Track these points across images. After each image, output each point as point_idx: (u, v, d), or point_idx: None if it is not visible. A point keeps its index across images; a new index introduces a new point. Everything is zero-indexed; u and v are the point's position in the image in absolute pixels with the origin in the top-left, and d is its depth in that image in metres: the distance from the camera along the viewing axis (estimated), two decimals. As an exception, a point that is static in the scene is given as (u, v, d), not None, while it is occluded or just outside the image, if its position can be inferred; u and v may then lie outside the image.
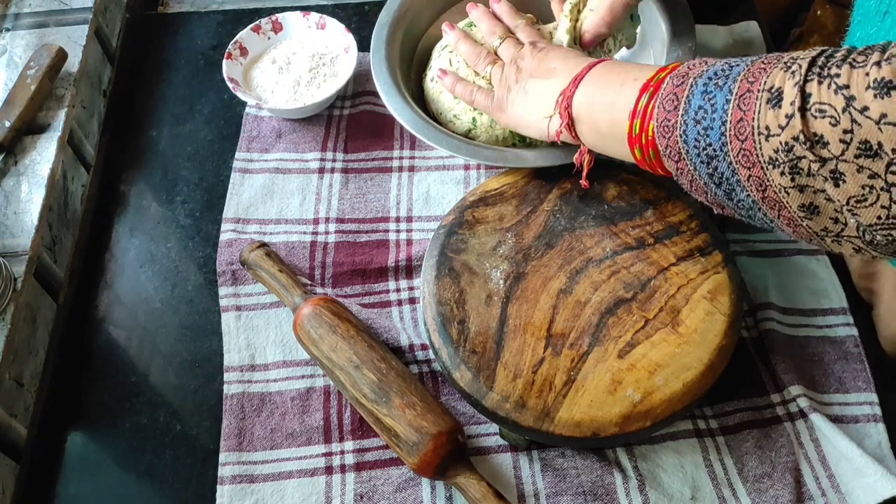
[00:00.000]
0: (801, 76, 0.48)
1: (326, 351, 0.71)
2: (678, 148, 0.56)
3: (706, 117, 0.53)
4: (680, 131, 0.56)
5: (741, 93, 0.51)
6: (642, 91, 0.60)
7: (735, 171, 0.53)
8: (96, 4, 0.96)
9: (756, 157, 0.50)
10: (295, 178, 0.88)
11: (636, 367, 0.67)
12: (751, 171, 0.51)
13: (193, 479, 0.71)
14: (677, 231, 0.74)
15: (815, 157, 0.47)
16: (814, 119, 0.47)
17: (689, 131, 0.55)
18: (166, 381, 0.76)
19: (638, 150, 0.61)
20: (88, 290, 0.82)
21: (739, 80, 0.52)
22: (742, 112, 0.51)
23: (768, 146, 0.49)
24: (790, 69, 0.49)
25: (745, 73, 0.52)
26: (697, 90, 0.55)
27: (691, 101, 0.55)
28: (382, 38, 0.86)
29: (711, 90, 0.54)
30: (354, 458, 0.70)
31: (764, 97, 0.50)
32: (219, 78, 0.92)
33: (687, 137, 0.55)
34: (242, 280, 0.80)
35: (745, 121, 0.51)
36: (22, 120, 0.83)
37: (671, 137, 0.57)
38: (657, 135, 0.58)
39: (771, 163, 0.50)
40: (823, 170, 0.47)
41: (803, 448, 0.69)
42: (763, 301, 0.77)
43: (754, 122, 0.50)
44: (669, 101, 0.57)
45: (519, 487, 0.68)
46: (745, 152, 0.51)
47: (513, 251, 0.74)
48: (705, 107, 0.54)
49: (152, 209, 0.88)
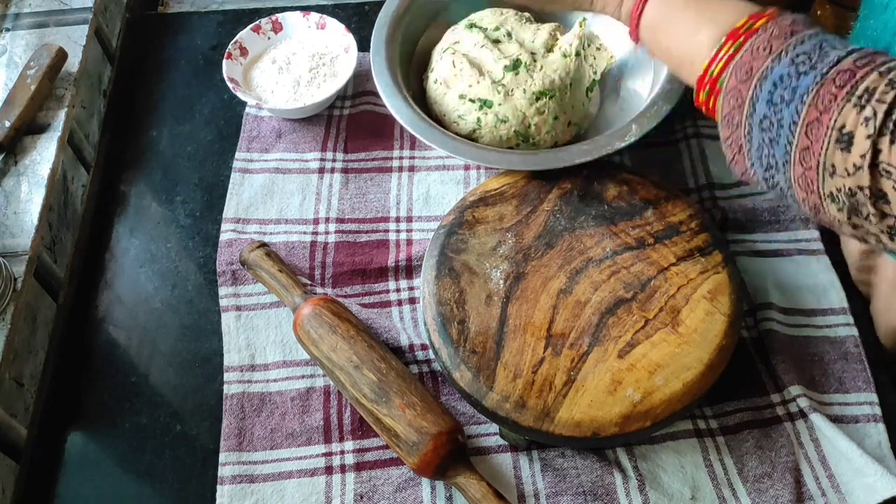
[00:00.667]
0: (874, 129, 0.46)
1: (326, 351, 0.71)
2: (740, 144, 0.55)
3: (772, 129, 0.52)
4: (745, 131, 0.55)
5: (809, 119, 0.50)
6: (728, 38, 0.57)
7: (790, 187, 0.52)
8: (96, 4, 0.96)
9: (816, 186, 0.50)
10: (295, 178, 0.88)
11: (636, 367, 0.67)
12: (807, 196, 0.51)
13: (193, 479, 0.71)
14: (677, 231, 0.74)
15: (877, 211, 0.47)
16: (881, 177, 0.46)
17: (754, 137, 0.54)
18: (166, 381, 0.76)
19: (705, 92, 0.59)
20: (88, 290, 0.82)
21: (808, 103, 0.50)
22: (809, 141, 0.50)
23: (831, 183, 0.49)
24: (863, 112, 0.47)
25: (815, 95, 0.50)
26: (762, 96, 0.53)
27: (756, 107, 0.53)
28: (382, 38, 0.86)
29: (777, 101, 0.52)
30: (354, 458, 0.70)
31: (833, 136, 0.48)
32: (219, 78, 0.92)
33: (752, 140, 0.54)
34: (242, 280, 0.80)
35: (811, 151, 0.50)
36: (22, 120, 0.82)
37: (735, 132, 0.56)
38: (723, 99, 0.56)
39: (830, 197, 0.49)
40: (881, 224, 0.48)
41: (803, 448, 0.69)
42: (763, 301, 0.77)
43: (821, 157, 0.49)
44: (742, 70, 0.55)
45: (519, 487, 0.68)
46: (806, 178, 0.50)
47: (513, 251, 0.74)
48: (772, 119, 0.52)
49: (152, 209, 0.88)
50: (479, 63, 0.83)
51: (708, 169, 0.86)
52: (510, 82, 0.81)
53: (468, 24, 0.87)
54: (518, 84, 0.81)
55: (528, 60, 0.82)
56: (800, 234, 0.81)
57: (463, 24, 0.88)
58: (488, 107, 0.81)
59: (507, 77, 0.81)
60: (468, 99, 0.82)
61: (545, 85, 0.81)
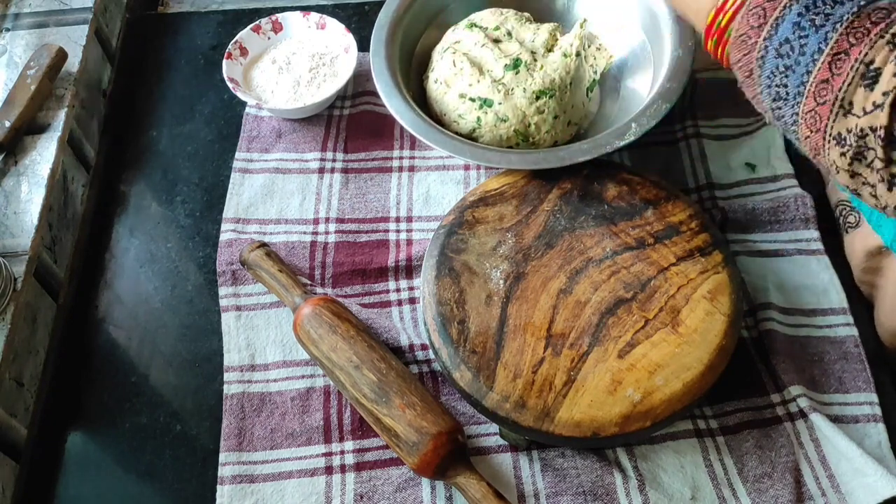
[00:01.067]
0: None
1: (326, 351, 0.71)
2: (750, 68, 0.53)
3: (791, 55, 0.49)
4: (758, 54, 0.51)
5: (838, 50, 0.47)
6: None
7: (796, 122, 0.50)
8: (96, 4, 0.96)
9: (825, 125, 0.48)
10: (295, 178, 0.88)
11: (636, 367, 0.67)
12: (811, 134, 0.49)
13: (193, 479, 0.71)
14: (677, 231, 0.74)
15: (884, 157, 0.45)
16: None
17: (769, 61, 0.51)
18: (166, 381, 0.76)
19: (713, 41, 0.57)
20: (88, 290, 0.82)
21: (840, 32, 0.47)
22: (831, 74, 0.47)
23: (843, 122, 0.47)
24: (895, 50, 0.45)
25: (849, 26, 0.47)
26: (789, 17, 0.50)
27: (778, 28, 0.50)
28: (382, 38, 0.86)
29: (805, 26, 0.49)
30: (354, 458, 0.70)
31: (860, 70, 0.46)
32: (219, 78, 0.92)
33: (764, 65, 0.51)
34: (242, 280, 0.80)
35: (830, 85, 0.47)
36: (22, 120, 0.82)
37: (747, 55, 0.53)
38: (733, 46, 0.54)
39: (836, 139, 0.47)
40: (885, 171, 0.45)
41: (803, 448, 0.69)
42: (763, 301, 0.77)
43: (840, 92, 0.47)
44: (755, 16, 0.52)
45: (519, 487, 0.68)
46: (815, 115, 0.48)
47: (513, 251, 0.74)
48: (794, 43, 0.49)
49: (152, 209, 0.88)
50: (480, 62, 0.83)
51: (708, 169, 0.86)
52: (510, 81, 0.81)
53: (468, 24, 0.87)
54: (518, 83, 0.81)
55: (528, 59, 0.82)
56: (800, 234, 0.81)
57: (463, 24, 0.88)
58: (488, 106, 0.81)
59: (508, 76, 0.81)
60: (468, 98, 0.82)
61: (545, 84, 0.81)
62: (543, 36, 0.85)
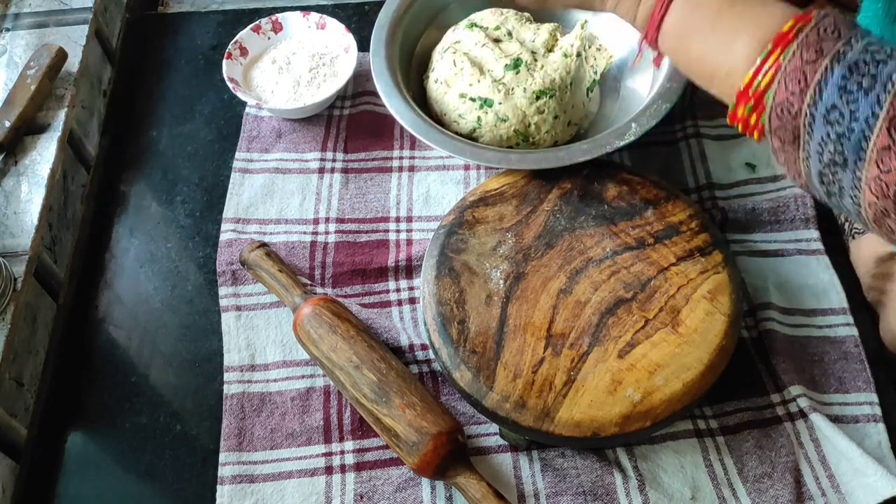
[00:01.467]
0: None
1: (326, 351, 0.71)
2: (795, 135, 0.49)
3: (841, 122, 0.46)
4: (804, 120, 0.48)
5: (893, 114, 0.44)
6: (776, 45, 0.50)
7: (857, 188, 0.47)
8: (96, 4, 0.96)
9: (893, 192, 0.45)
10: (295, 178, 0.88)
11: (636, 367, 0.67)
12: (878, 200, 0.46)
13: (193, 479, 0.71)
14: (677, 231, 0.74)
15: None
16: None
17: (817, 129, 0.48)
18: (166, 381, 0.76)
19: (747, 108, 0.52)
20: (88, 290, 0.82)
21: (892, 95, 0.45)
22: (892, 140, 0.44)
23: None
24: None
25: None
26: (833, 81, 0.47)
27: (822, 94, 0.47)
28: (382, 38, 0.86)
29: (852, 90, 0.46)
30: (354, 458, 0.70)
31: None
32: (219, 78, 0.92)
33: (812, 133, 0.48)
34: (242, 280, 0.80)
35: (893, 151, 0.44)
36: (22, 120, 0.82)
37: (793, 122, 0.49)
38: (772, 113, 0.50)
39: None
40: None
41: (803, 448, 0.69)
42: (763, 301, 0.77)
43: None
44: (794, 80, 0.48)
45: (519, 487, 0.68)
46: (882, 183, 0.45)
47: (513, 251, 0.74)
48: (842, 110, 0.46)
49: (152, 209, 0.88)
50: (480, 62, 0.83)
51: (708, 169, 0.86)
52: (510, 81, 0.81)
53: (469, 24, 0.87)
54: (518, 83, 0.81)
55: (528, 59, 0.82)
56: (800, 234, 0.81)
57: (463, 24, 0.88)
58: (489, 106, 0.81)
59: (508, 76, 0.81)
60: (468, 98, 0.82)
61: (545, 84, 0.81)
62: (544, 36, 0.85)
